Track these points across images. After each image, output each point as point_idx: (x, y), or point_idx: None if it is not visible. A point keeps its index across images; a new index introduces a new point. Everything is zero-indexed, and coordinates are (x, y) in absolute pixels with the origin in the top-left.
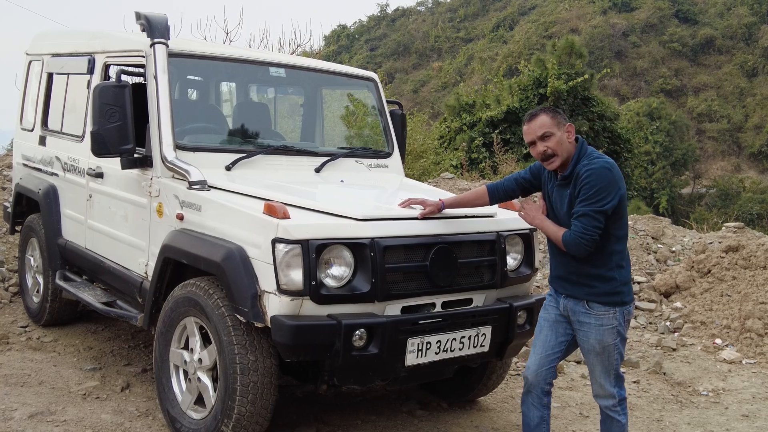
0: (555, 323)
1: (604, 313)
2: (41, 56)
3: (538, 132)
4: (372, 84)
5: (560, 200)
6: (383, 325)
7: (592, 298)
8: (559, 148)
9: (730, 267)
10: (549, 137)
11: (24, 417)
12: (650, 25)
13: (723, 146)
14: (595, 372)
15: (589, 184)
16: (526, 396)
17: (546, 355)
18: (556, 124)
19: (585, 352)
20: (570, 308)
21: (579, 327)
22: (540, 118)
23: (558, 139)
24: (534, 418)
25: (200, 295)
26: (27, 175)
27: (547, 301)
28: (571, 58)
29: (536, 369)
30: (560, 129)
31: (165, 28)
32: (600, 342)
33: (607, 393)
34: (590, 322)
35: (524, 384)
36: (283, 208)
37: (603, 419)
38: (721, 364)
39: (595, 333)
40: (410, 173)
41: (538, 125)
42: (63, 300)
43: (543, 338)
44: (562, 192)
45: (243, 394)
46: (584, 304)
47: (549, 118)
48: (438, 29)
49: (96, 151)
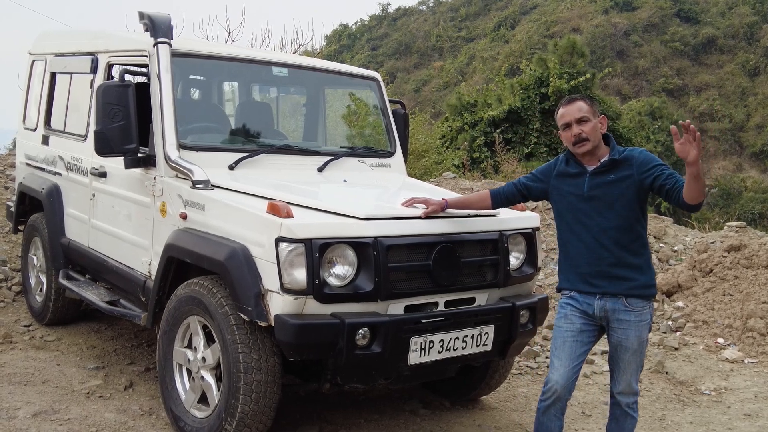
0: (580, 333)
1: (642, 308)
2: (44, 56)
3: (577, 115)
4: (375, 83)
5: (606, 184)
6: (386, 324)
7: (632, 292)
8: (592, 134)
9: (732, 266)
10: (586, 122)
11: (28, 416)
12: (652, 25)
13: (725, 146)
14: (627, 370)
15: (650, 157)
16: (550, 408)
17: (573, 367)
18: (593, 112)
19: (621, 350)
20: (608, 308)
21: (618, 326)
22: (578, 103)
23: (593, 126)
24: (555, 429)
25: (204, 294)
26: (30, 174)
27: (566, 311)
28: (573, 58)
29: (565, 382)
30: (596, 117)
31: (168, 28)
32: (639, 339)
33: (633, 390)
34: (630, 319)
35: (549, 396)
36: (287, 208)
37: (617, 417)
38: (723, 363)
39: (635, 330)
40: (412, 173)
41: (576, 108)
42: (66, 299)
43: (569, 350)
44: (605, 177)
45: (246, 392)
46: (623, 302)
47: (587, 105)
48: (439, 28)
49: (99, 151)
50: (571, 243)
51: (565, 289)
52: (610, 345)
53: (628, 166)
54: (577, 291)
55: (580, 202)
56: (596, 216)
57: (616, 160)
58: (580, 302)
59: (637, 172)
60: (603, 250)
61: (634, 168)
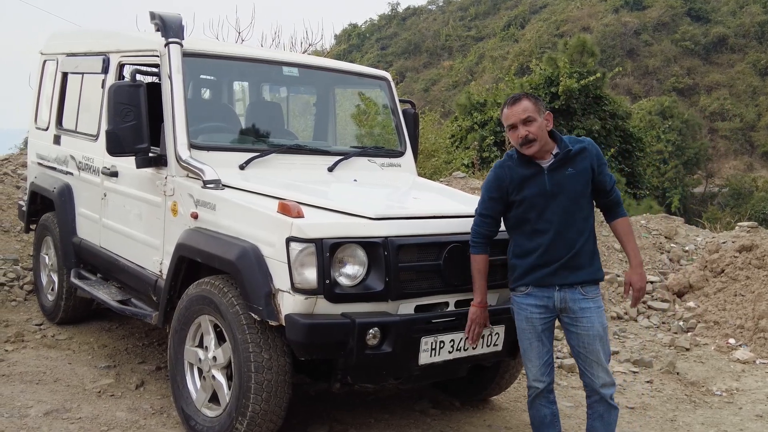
0: (542, 333)
1: (596, 294)
2: (56, 56)
3: (522, 115)
4: (385, 83)
5: (566, 178)
6: (397, 324)
7: (588, 278)
8: (539, 134)
9: (743, 267)
10: (531, 122)
11: (39, 414)
12: (662, 24)
13: (735, 145)
14: (599, 359)
15: (599, 151)
16: (534, 400)
17: (543, 363)
18: (538, 111)
19: (589, 340)
20: (568, 299)
21: (581, 315)
22: (523, 103)
23: (539, 125)
24: (546, 416)
25: (215, 294)
26: (42, 174)
27: (526, 313)
28: (583, 57)
29: (541, 377)
30: (541, 115)
31: (179, 28)
32: (602, 324)
33: (611, 380)
34: (590, 306)
35: (531, 393)
36: (297, 207)
37: (600, 414)
38: (734, 364)
39: (597, 316)
40: (422, 172)
41: (521, 109)
42: (77, 298)
43: (536, 349)
44: (563, 171)
45: (257, 392)
46: (580, 290)
47: (532, 104)
48: (449, 28)
49: (111, 150)
50: (534, 240)
51: (522, 286)
52: (578, 340)
53: (583, 157)
54: (534, 286)
55: (544, 199)
56: (560, 212)
57: (571, 152)
58: (539, 297)
59: (594, 163)
60: (567, 242)
61: (589, 159)
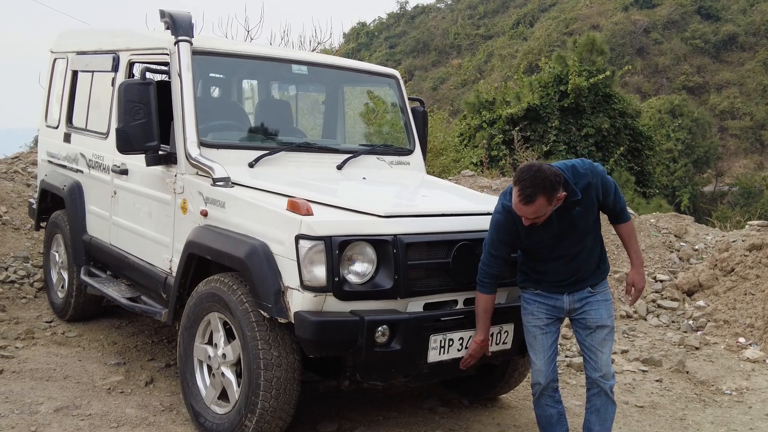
0: (547, 326)
1: (605, 288)
2: (66, 54)
3: (531, 216)
4: (394, 81)
5: (575, 218)
6: (406, 321)
7: (596, 281)
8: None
9: (753, 265)
10: (541, 216)
11: (50, 411)
12: (672, 22)
13: (746, 144)
14: (605, 351)
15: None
16: (540, 399)
17: (548, 357)
18: (550, 203)
19: (599, 330)
20: (576, 299)
21: (589, 308)
22: (536, 204)
23: (547, 212)
24: (553, 416)
25: (224, 291)
26: (52, 171)
27: (533, 307)
28: (592, 55)
29: (546, 372)
30: (552, 204)
31: (189, 26)
32: (610, 316)
33: (612, 371)
34: (598, 299)
35: (535, 389)
36: (307, 205)
37: (597, 408)
38: (744, 363)
39: (605, 308)
40: (431, 170)
41: (532, 211)
42: (87, 295)
43: (541, 343)
44: (571, 212)
45: (266, 389)
46: (588, 290)
47: (545, 201)
48: (457, 26)
49: (121, 148)
50: (545, 265)
51: (531, 287)
52: (585, 331)
53: (588, 193)
54: (544, 291)
55: (554, 240)
56: (570, 245)
57: (577, 199)
58: (546, 297)
59: (599, 194)
60: (577, 265)
61: (594, 191)
